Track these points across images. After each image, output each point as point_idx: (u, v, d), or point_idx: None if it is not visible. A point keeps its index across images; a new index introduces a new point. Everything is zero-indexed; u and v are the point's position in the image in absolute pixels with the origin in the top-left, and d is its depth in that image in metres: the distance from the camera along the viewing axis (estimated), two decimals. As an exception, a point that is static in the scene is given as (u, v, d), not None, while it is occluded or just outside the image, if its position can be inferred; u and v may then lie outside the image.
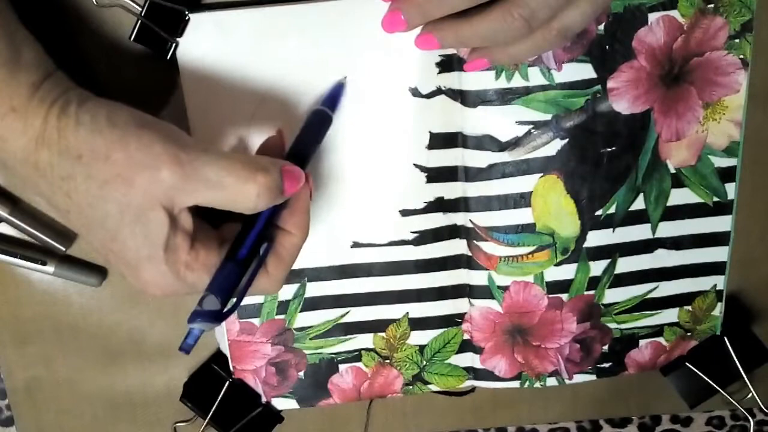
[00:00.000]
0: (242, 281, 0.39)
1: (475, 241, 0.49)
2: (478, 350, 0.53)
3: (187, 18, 0.43)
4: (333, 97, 0.45)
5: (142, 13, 0.43)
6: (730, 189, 0.50)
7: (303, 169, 0.41)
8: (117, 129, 0.36)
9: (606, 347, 0.53)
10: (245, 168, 0.37)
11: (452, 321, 0.52)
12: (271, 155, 0.41)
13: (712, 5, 0.45)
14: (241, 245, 0.39)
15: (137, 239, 0.37)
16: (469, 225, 0.49)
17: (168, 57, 0.44)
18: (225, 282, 0.39)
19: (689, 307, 0.53)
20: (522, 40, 0.38)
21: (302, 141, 0.43)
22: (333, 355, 0.52)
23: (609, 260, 0.51)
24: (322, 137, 0.44)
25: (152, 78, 0.46)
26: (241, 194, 0.37)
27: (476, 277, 0.50)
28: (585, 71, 0.46)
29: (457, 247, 0.50)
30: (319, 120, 0.44)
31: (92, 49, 0.45)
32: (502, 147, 0.47)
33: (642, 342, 0.53)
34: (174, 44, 0.44)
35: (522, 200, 0.48)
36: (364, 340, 0.52)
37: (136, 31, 0.44)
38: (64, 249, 0.49)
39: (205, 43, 0.44)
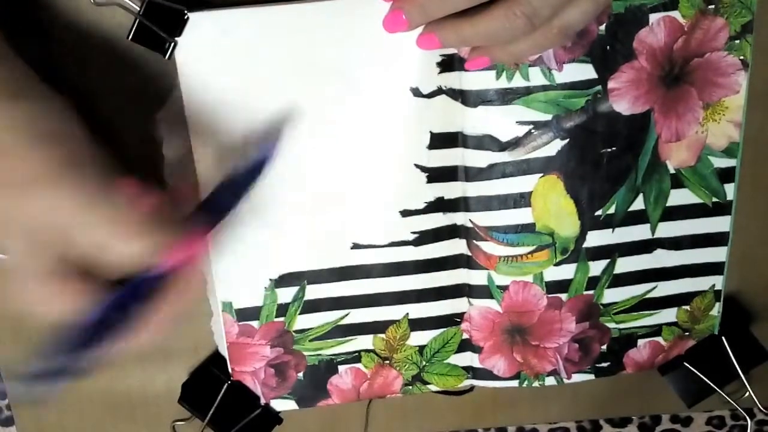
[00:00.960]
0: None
1: (474, 241, 0.49)
2: (477, 350, 0.53)
3: (186, 17, 0.43)
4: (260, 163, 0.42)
5: (141, 12, 0.43)
6: (730, 190, 0.50)
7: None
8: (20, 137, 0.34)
9: (604, 347, 0.53)
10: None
11: (451, 321, 0.52)
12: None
13: (713, 6, 0.45)
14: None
15: None
16: (469, 225, 0.49)
17: (167, 57, 0.44)
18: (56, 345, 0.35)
19: (687, 307, 0.53)
20: (523, 38, 0.38)
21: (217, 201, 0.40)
22: (332, 357, 0.52)
23: (608, 260, 0.51)
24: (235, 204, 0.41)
25: (150, 78, 0.46)
26: (119, 252, 0.35)
27: (476, 277, 0.50)
28: (586, 71, 0.46)
29: (456, 246, 0.50)
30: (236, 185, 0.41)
31: (90, 48, 0.45)
32: (503, 147, 0.47)
33: (640, 342, 0.53)
34: (173, 44, 0.43)
35: (522, 200, 0.48)
36: (364, 342, 0.52)
37: (134, 30, 0.43)
38: None
39: (204, 42, 0.43)
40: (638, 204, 0.49)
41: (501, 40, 0.39)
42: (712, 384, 0.54)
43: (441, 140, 0.47)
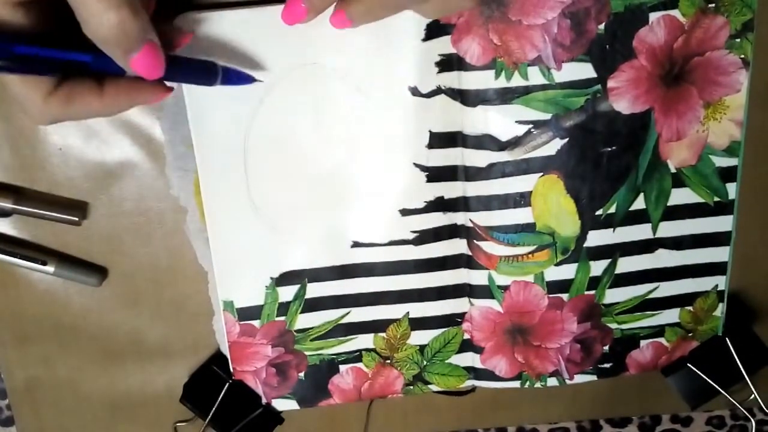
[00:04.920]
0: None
1: (475, 241, 0.49)
2: (478, 350, 0.53)
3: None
4: (235, 75, 0.43)
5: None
6: (731, 189, 0.49)
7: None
8: None
9: (607, 347, 0.53)
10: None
11: (452, 321, 0.52)
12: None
13: (713, 5, 0.45)
14: (35, 44, 0.35)
15: None
16: (469, 224, 0.49)
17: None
18: None
19: (690, 308, 0.53)
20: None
21: (187, 62, 0.41)
22: (333, 356, 0.52)
23: (609, 260, 0.50)
24: (195, 79, 0.41)
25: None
26: (94, 8, 0.32)
27: (476, 277, 0.50)
28: (585, 71, 0.45)
29: (457, 246, 0.50)
30: (207, 68, 0.41)
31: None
32: (502, 146, 0.47)
33: (643, 342, 0.53)
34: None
35: (522, 200, 0.48)
36: (365, 341, 0.52)
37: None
38: (78, 219, 0.48)
39: (204, 42, 0.43)
40: (639, 203, 0.49)
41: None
42: (716, 386, 0.53)
43: (440, 140, 0.47)
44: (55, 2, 0.34)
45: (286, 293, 0.50)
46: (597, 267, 0.50)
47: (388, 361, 0.53)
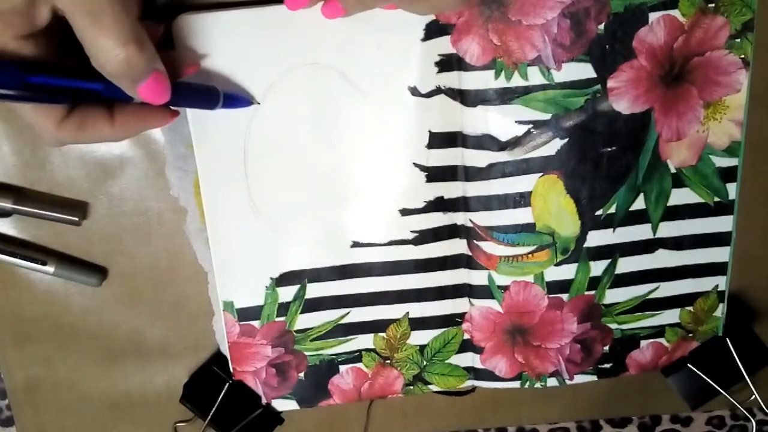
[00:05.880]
0: (5, 92, 0.35)
1: (475, 241, 0.49)
2: (478, 350, 0.53)
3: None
4: (235, 99, 0.44)
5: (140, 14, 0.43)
6: (731, 189, 0.49)
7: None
8: None
9: (607, 348, 0.53)
10: (130, 31, 0.34)
11: (452, 321, 0.52)
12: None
13: (713, 4, 0.45)
14: (48, 74, 0.36)
15: None
16: (469, 224, 0.49)
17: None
18: None
19: (691, 308, 0.53)
20: None
21: (190, 87, 0.42)
22: (333, 356, 0.52)
23: (609, 260, 0.50)
24: (199, 104, 0.43)
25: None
26: (102, 44, 0.34)
27: (476, 277, 0.50)
28: (585, 71, 0.45)
29: (457, 246, 0.50)
30: (210, 93, 0.43)
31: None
32: (502, 146, 0.47)
33: (643, 343, 0.53)
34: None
35: (522, 200, 0.48)
36: (365, 341, 0.52)
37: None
38: (78, 219, 0.49)
39: (205, 43, 0.44)
40: (639, 203, 0.49)
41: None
42: (716, 386, 0.53)
43: (440, 140, 0.47)
44: (64, 32, 0.35)
45: (286, 293, 0.50)
46: (597, 267, 0.50)
47: (388, 362, 0.53)
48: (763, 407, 0.55)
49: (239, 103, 0.44)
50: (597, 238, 0.50)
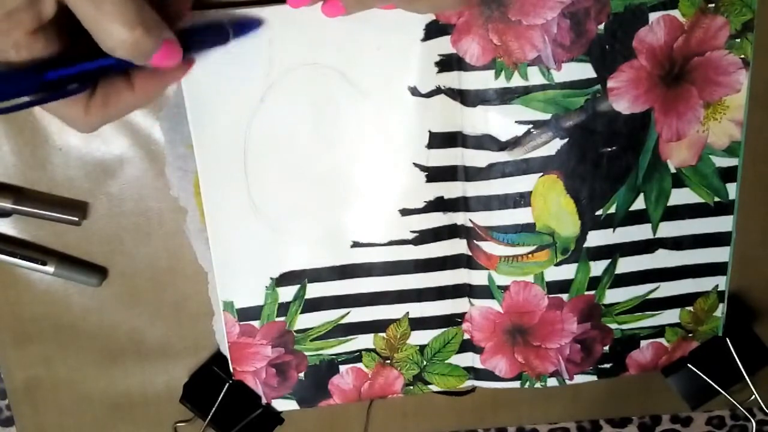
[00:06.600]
0: (29, 99, 0.36)
1: (475, 241, 0.49)
2: (478, 350, 0.53)
3: None
4: (244, 26, 0.43)
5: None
6: (731, 189, 0.49)
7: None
8: None
9: (607, 348, 0.53)
10: (133, 13, 0.34)
11: (452, 321, 0.52)
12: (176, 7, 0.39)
13: (713, 5, 0.45)
14: (61, 66, 0.36)
15: None
16: (469, 224, 0.49)
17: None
18: (8, 86, 0.35)
19: (691, 308, 0.53)
20: None
21: (198, 31, 0.42)
22: (333, 356, 0.52)
23: (609, 260, 0.50)
24: (210, 45, 0.43)
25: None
26: (108, 30, 0.34)
27: (476, 277, 0.50)
28: (585, 71, 0.45)
29: (457, 246, 0.50)
30: (217, 30, 0.42)
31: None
32: (502, 146, 0.47)
33: (643, 343, 0.53)
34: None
35: (522, 200, 0.48)
36: (365, 341, 0.52)
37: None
38: (78, 219, 0.49)
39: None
40: (639, 204, 0.49)
41: None
42: (716, 386, 0.53)
43: (440, 140, 0.47)
44: (69, 19, 0.35)
45: (286, 293, 0.50)
46: (597, 267, 0.50)
47: (388, 362, 0.53)
48: (763, 407, 0.55)
49: (250, 27, 0.43)
50: (597, 238, 0.50)
